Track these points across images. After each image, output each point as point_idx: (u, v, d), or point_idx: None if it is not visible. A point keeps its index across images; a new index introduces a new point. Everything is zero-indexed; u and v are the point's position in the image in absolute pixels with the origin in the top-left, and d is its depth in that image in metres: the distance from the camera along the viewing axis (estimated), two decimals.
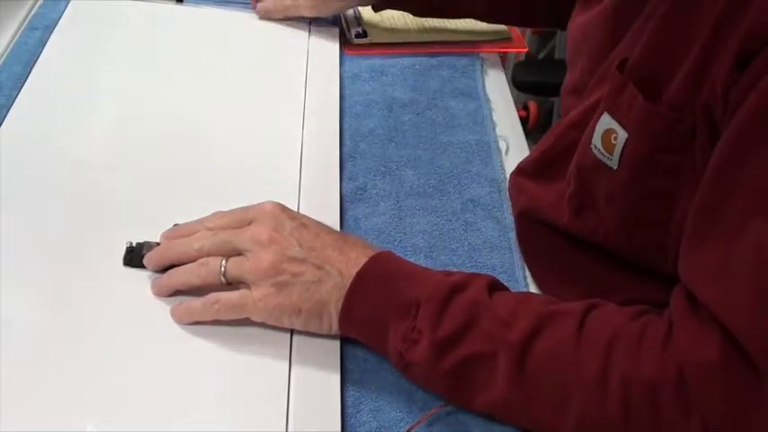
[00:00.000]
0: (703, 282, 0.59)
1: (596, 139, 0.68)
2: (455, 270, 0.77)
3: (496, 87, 1.03)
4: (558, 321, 0.64)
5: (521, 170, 0.84)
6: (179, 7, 1.09)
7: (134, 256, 0.72)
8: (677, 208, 0.64)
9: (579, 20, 0.81)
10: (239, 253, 0.69)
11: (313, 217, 0.72)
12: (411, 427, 0.64)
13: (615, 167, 0.67)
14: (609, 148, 0.67)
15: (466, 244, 0.81)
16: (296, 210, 0.80)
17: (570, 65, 0.82)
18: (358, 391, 0.67)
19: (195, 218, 0.73)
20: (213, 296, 0.68)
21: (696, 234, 0.61)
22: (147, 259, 0.72)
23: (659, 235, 0.66)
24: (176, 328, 0.69)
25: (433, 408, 0.66)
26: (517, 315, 0.64)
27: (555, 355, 0.62)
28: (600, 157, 0.68)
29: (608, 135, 0.67)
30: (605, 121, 0.67)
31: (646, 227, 0.67)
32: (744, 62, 0.57)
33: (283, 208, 0.71)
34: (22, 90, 0.91)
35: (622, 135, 0.66)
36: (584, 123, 0.71)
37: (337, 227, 0.80)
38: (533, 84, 2.11)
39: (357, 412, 0.66)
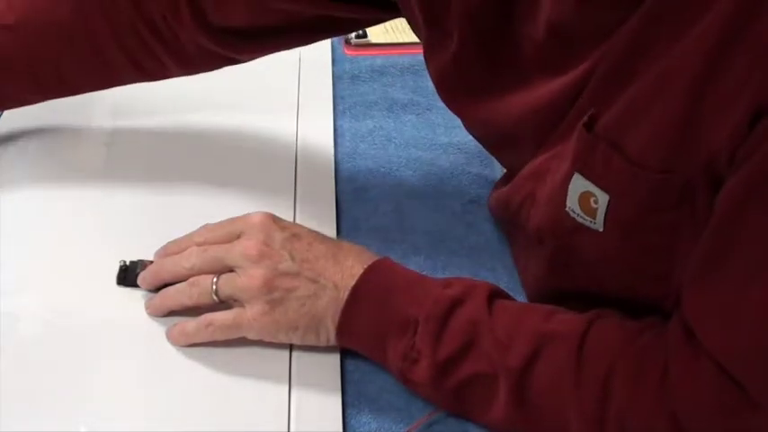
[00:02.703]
0: (708, 323, 0.57)
1: (572, 203, 0.62)
2: (456, 271, 0.77)
3: None
4: (556, 344, 0.62)
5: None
6: None
7: (128, 276, 0.71)
8: (677, 261, 0.60)
9: (498, 106, 0.70)
10: (230, 269, 0.67)
11: (310, 215, 0.71)
12: (411, 428, 0.65)
13: (600, 230, 0.61)
14: (589, 211, 0.61)
15: (466, 245, 0.81)
16: (292, 210, 0.81)
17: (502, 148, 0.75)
18: (358, 391, 0.67)
19: (191, 221, 0.72)
20: (206, 318, 0.67)
21: (704, 275, 0.57)
22: (141, 279, 0.70)
23: (660, 286, 0.62)
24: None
25: (432, 409, 0.66)
26: (516, 336, 0.62)
27: (554, 383, 0.61)
28: (580, 220, 0.62)
29: (585, 198, 0.61)
30: (579, 184, 0.61)
31: (645, 279, 0.63)
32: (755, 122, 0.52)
33: (273, 218, 0.69)
34: None
35: (603, 198, 0.60)
36: (541, 173, 0.67)
37: (334, 227, 0.80)
38: None
39: (357, 413, 0.66)
